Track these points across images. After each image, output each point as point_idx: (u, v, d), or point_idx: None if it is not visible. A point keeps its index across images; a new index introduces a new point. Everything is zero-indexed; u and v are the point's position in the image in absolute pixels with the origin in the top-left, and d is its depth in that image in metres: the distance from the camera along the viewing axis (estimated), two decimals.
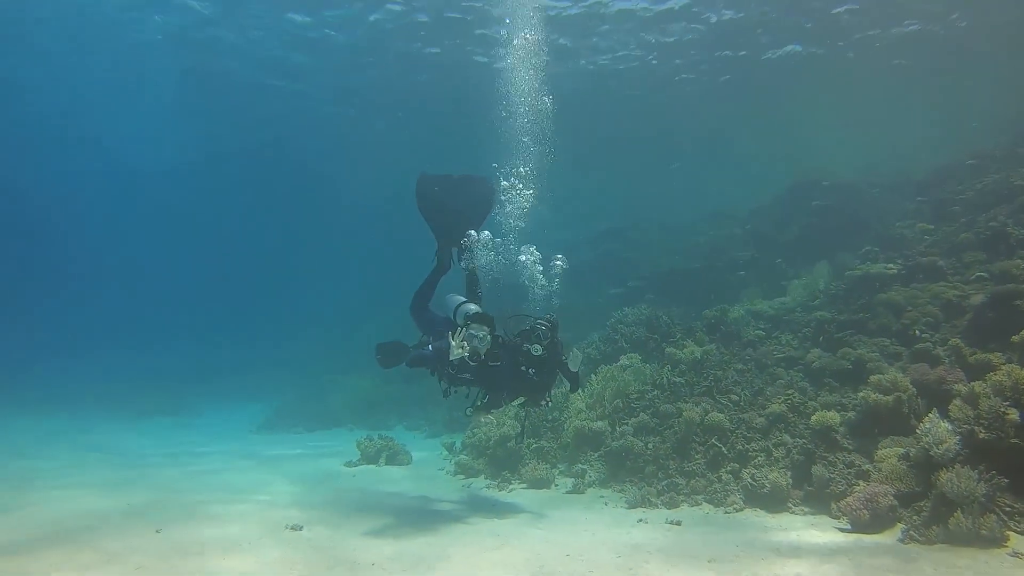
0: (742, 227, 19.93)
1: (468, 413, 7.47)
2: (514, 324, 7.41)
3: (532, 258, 8.03)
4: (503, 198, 8.38)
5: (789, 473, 7.51)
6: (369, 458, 11.55)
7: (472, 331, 6.70)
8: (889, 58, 20.91)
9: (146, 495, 8.67)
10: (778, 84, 22.42)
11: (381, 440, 11.81)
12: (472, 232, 7.93)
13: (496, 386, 7.30)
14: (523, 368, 7.20)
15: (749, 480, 7.57)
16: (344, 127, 26.44)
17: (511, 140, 9.23)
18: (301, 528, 6.80)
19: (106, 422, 18.80)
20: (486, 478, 10.08)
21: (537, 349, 7.13)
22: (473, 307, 7.21)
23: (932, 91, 23.11)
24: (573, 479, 9.19)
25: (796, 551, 5.72)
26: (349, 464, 11.44)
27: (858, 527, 6.12)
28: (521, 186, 8.47)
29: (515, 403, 7.91)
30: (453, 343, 6.50)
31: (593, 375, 10.91)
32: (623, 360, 11.36)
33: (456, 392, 7.50)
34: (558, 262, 8.33)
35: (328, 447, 13.89)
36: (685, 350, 11.06)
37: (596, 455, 9.64)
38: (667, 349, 11.28)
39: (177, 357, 29.69)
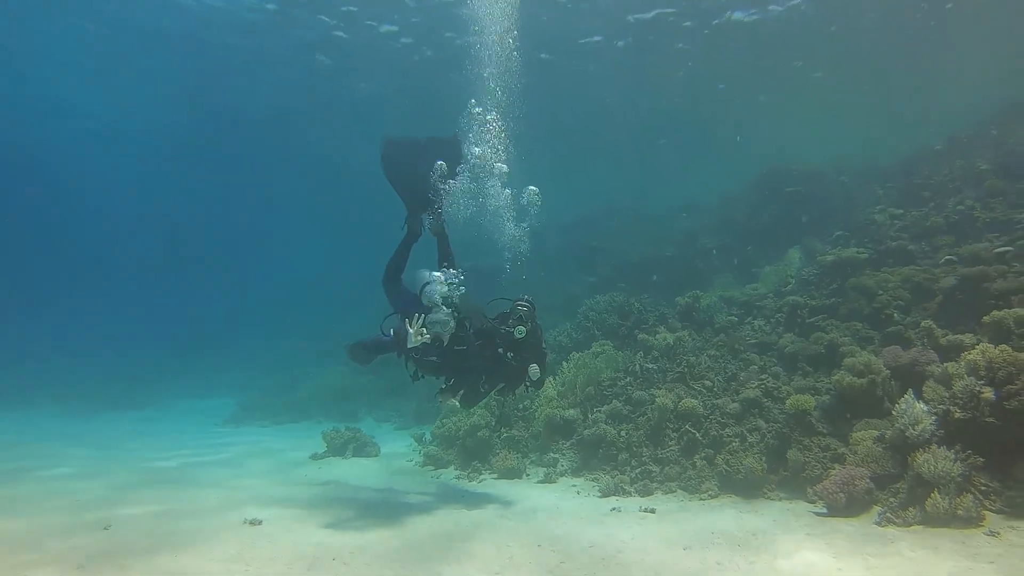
0: (715, 215, 19.88)
1: (437, 398, 7.16)
2: (490, 309, 7.27)
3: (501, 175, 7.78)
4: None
5: (764, 458, 7.37)
6: (336, 450, 11.22)
7: (434, 317, 6.41)
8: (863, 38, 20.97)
9: (96, 491, 8.27)
10: (755, 59, 22.28)
11: (348, 431, 11.48)
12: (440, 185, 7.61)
13: (466, 370, 7.03)
14: (501, 351, 7.02)
15: (724, 466, 7.44)
16: (323, 89, 25.38)
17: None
18: (260, 523, 6.49)
19: (63, 416, 18.22)
20: (456, 469, 9.84)
21: (521, 331, 6.95)
22: (440, 288, 6.88)
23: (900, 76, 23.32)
24: (545, 468, 8.99)
25: (771, 537, 5.58)
26: (315, 456, 11.10)
27: (835, 511, 6.02)
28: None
29: (493, 391, 7.65)
30: (411, 330, 6.22)
31: (564, 362, 10.71)
32: (595, 347, 11.17)
33: (424, 377, 7.21)
34: (532, 189, 8.03)
35: (294, 440, 13.50)
36: (658, 336, 10.92)
37: (568, 444, 9.45)
38: (640, 336, 11.14)
39: (143, 351, 28.82)
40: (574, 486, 8.35)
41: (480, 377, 7.27)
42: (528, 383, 7.46)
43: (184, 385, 23.85)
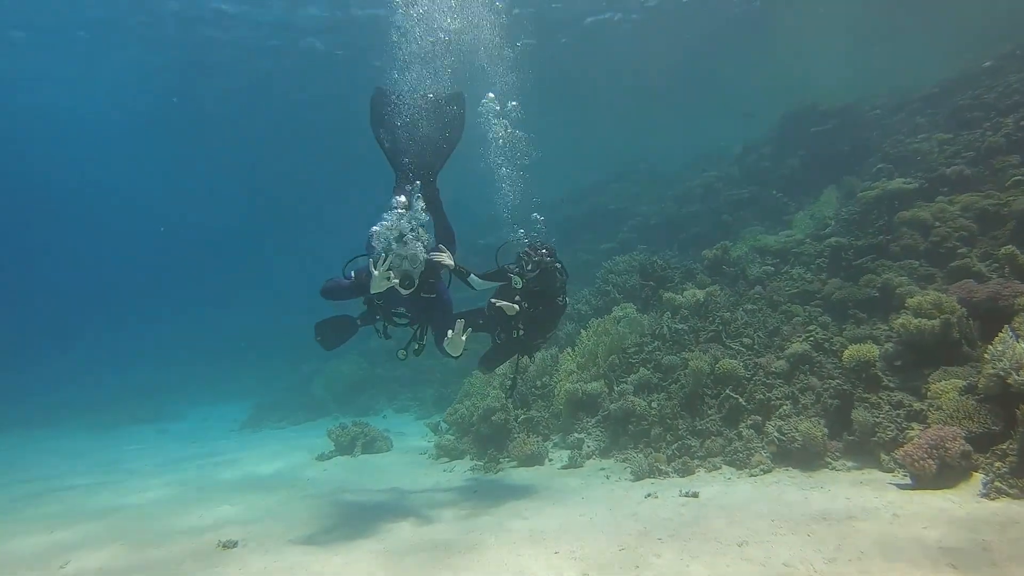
0: (737, 165, 18.52)
1: (400, 356, 6.03)
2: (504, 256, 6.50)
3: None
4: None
5: (823, 421, 6.24)
6: (343, 448, 10.29)
7: (401, 252, 5.34)
8: None
9: (77, 514, 7.41)
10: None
11: (355, 427, 10.54)
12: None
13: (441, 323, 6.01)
14: (518, 300, 6.21)
15: (776, 434, 6.31)
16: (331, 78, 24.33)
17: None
18: (235, 545, 5.53)
19: (82, 431, 17.65)
20: (472, 459, 8.85)
21: (517, 281, 6.13)
22: (395, 224, 5.80)
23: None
24: (569, 451, 7.93)
25: (849, 524, 4.45)
26: (321, 457, 10.18)
27: (923, 481, 4.86)
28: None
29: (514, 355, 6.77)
30: (376, 271, 5.13)
31: (583, 330, 9.61)
32: (616, 311, 10.05)
33: (390, 337, 6.23)
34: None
35: (306, 440, 12.59)
36: (685, 293, 9.76)
37: (593, 421, 8.38)
38: (665, 295, 9.97)
39: (154, 360, 28.31)
40: (602, 470, 7.29)
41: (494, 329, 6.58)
42: (543, 341, 6.72)
43: (204, 392, 23.21)
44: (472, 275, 6.44)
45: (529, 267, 6.09)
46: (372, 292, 5.27)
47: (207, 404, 21.80)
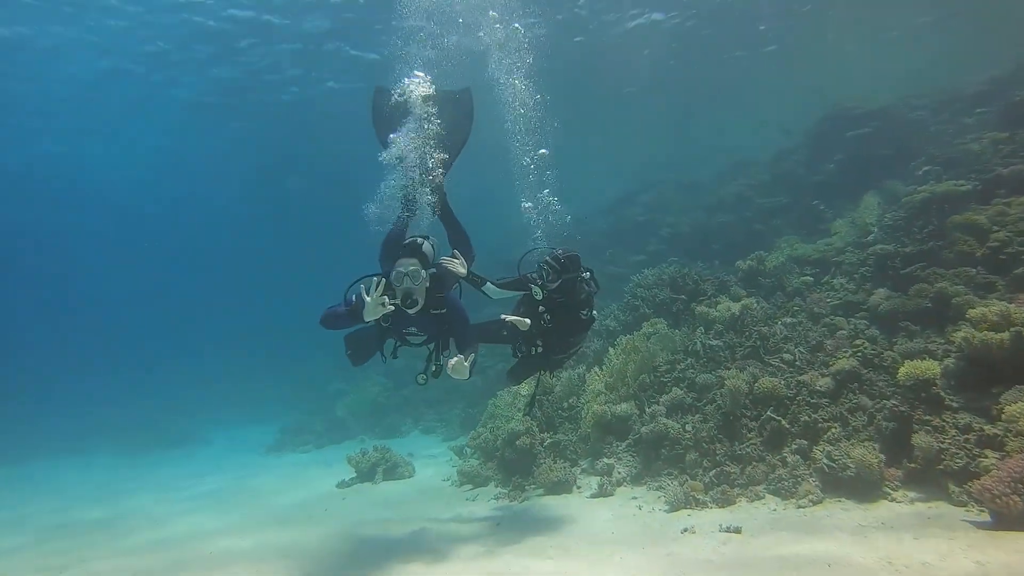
0: (769, 173, 17.84)
1: (420, 381, 5.55)
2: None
3: None
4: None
5: (878, 446, 5.64)
6: (364, 475, 9.89)
7: (400, 269, 4.87)
8: None
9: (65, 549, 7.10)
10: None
11: (376, 452, 10.12)
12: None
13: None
14: (542, 312, 5.80)
15: (825, 460, 5.73)
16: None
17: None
18: None
19: (109, 457, 17.56)
20: (496, 486, 8.36)
21: (537, 292, 5.66)
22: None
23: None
24: (598, 478, 7.41)
25: (925, 567, 3.86)
26: (341, 485, 9.77)
27: (1007, 521, 4.24)
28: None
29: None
30: (368, 298, 4.67)
31: (611, 348, 9.08)
32: (646, 327, 9.51)
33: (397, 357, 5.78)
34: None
35: (329, 465, 12.23)
36: (719, 307, 9.19)
37: (623, 445, 7.84)
38: (698, 309, 9.41)
39: (182, 381, 28.31)
40: (634, 498, 6.75)
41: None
42: (569, 356, 6.20)
43: (232, 414, 23.04)
44: (488, 283, 6.01)
45: (550, 276, 5.62)
46: (367, 320, 4.82)
47: (235, 426, 21.62)
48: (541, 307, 5.84)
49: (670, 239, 17.67)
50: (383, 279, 4.75)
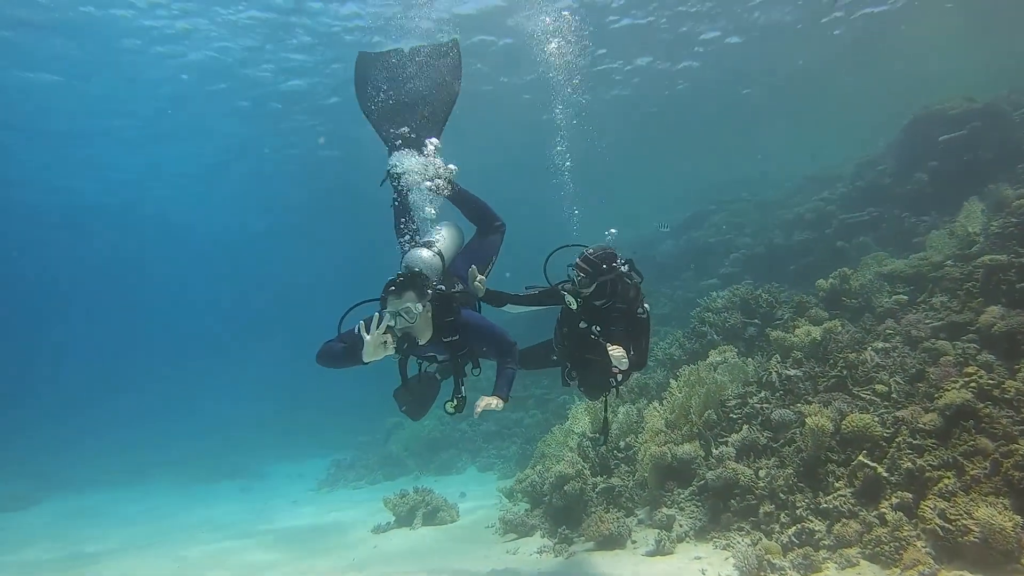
0: (851, 186, 16.36)
1: (448, 410, 4.69)
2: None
3: None
4: None
5: (1009, 503, 4.43)
6: (402, 519, 9.15)
7: (389, 310, 4.10)
8: None
9: None
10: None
11: (417, 495, 9.38)
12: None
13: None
14: (585, 327, 4.97)
15: (937, 520, 4.56)
16: None
17: None
18: None
19: (167, 489, 17.52)
20: (543, 536, 7.43)
21: (571, 301, 4.86)
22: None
23: None
24: (656, 531, 6.37)
25: None
26: (377, 530, 9.06)
27: None
28: None
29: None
30: (368, 337, 3.96)
31: (672, 380, 8.04)
32: (712, 356, 8.44)
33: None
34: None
35: (373, 505, 11.56)
36: (798, 332, 8.02)
37: (686, 493, 6.77)
38: (773, 334, 8.26)
39: (241, 414, 28.52)
40: (697, 559, 5.70)
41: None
42: (616, 378, 5.02)
43: (287, 448, 22.86)
44: (508, 303, 5.20)
45: (583, 281, 4.75)
46: (367, 362, 4.09)
47: (293, 459, 21.39)
48: (582, 321, 4.98)
49: (744, 261, 16.46)
50: (383, 316, 4.03)
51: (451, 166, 5.25)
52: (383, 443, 17.70)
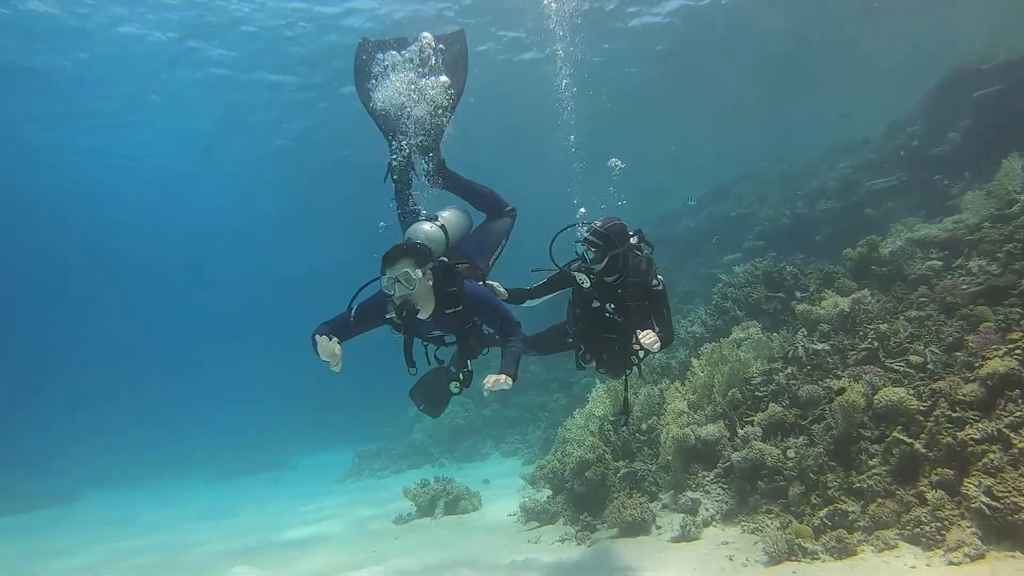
0: (878, 151, 15.72)
1: (454, 390, 4.51)
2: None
3: None
4: None
5: None
6: (423, 509, 8.99)
7: (388, 275, 3.96)
8: None
9: None
10: None
11: (438, 484, 9.21)
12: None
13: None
14: (598, 306, 4.75)
15: (982, 498, 4.23)
16: None
17: None
18: None
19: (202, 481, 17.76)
20: (565, 523, 7.21)
21: (584, 279, 4.60)
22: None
23: None
24: (681, 516, 6.10)
25: None
26: (399, 520, 8.92)
27: None
28: None
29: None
30: (320, 347, 3.98)
31: (694, 359, 7.73)
32: (735, 332, 8.10)
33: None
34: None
35: (398, 494, 11.46)
36: (824, 303, 7.63)
37: (711, 475, 6.49)
38: (798, 307, 7.88)
39: (275, 406, 28.70)
40: (724, 544, 5.44)
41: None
42: (636, 357, 4.83)
43: (313, 439, 22.98)
44: (527, 299, 4.99)
45: (594, 257, 4.48)
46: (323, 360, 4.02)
47: (321, 451, 21.51)
48: (595, 300, 4.71)
49: (768, 233, 15.92)
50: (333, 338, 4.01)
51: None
52: (407, 432, 17.61)
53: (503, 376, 3.96)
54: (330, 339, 3.96)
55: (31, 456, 22.33)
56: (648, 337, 4.31)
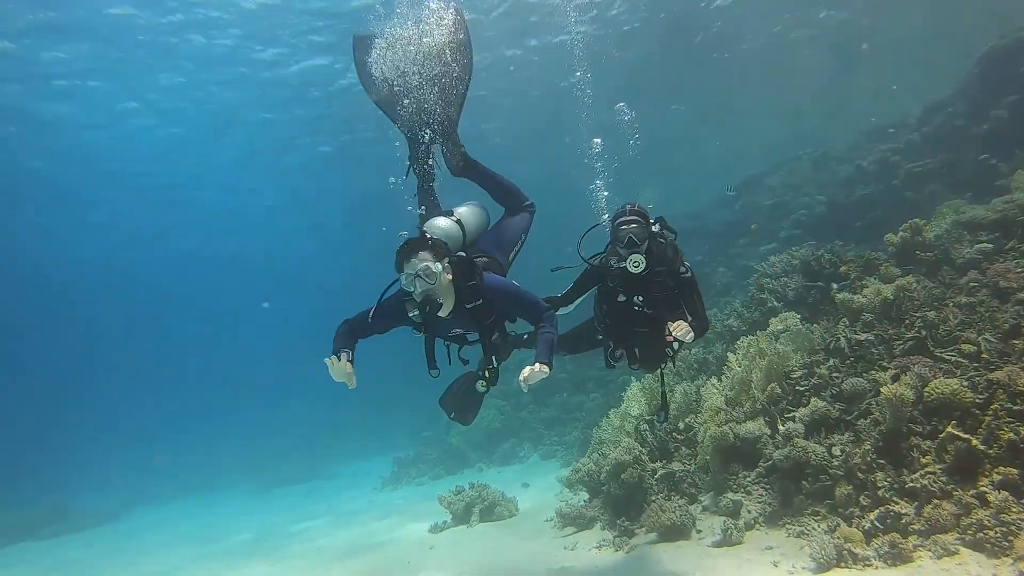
0: (918, 131, 15.12)
1: (480, 388, 4.44)
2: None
3: None
4: None
5: None
6: (458, 517, 8.85)
7: (408, 271, 3.83)
8: None
9: None
10: None
11: (472, 491, 9.06)
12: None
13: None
14: (625, 300, 4.52)
15: None
16: None
17: None
18: None
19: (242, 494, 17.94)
20: (602, 527, 7.00)
21: (638, 261, 4.27)
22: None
23: None
24: (722, 519, 5.86)
25: None
26: (434, 529, 8.80)
27: None
28: None
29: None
30: (332, 368, 3.93)
31: (731, 354, 7.44)
32: (774, 324, 7.78)
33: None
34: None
35: (435, 502, 11.36)
36: (866, 291, 7.28)
37: (752, 475, 6.22)
38: (839, 296, 7.53)
39: (311, 414, 28.93)
40: (768, 549, 5.17)
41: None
42: (670, 352, 4.59)
43: (352, 447, 23.09)
44: (559, 307, 4.81)
45: (637, 230, 4.28)
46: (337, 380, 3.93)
47: (360, 459, 21.56)
48: (622, 294, 4.50)
49: (805, 222, 15.46)
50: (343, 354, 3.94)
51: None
52: (444, 436, 17.52)
53: (538, 366, 3.81)
54: (339, 358, 3.86)
55: (70, 476, 22.89)
56: (680, 328, 4.11)
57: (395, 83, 4.87)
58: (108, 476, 22.40)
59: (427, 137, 4.85)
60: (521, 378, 3.79)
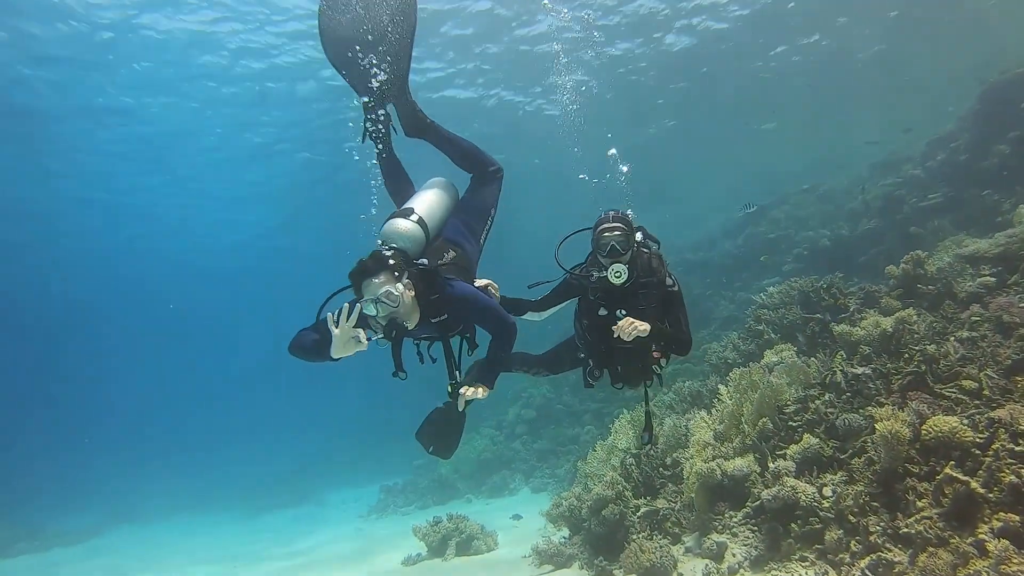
0: (922, 166, 14.92)
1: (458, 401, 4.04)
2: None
3: None
4: None
5: None
6: (434, 550, 8.47)
7: (366, 297, 3.43)
8: None
9: None
10: None
11: (450, 523, 8.71)
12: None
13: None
14: (607, 314, 4.12)
15: None
16: None
17: None
18: None
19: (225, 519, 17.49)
20: (580, 567, 6.62)
21: (620, 271, 3.91)
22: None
23: None
24: (705, 561, 5.49)
25: None
26: (408, 561, 8.41)
27: None
28: None
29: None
30: (336, 330, 3.34)
31: (722, 386, 7.12)
32: (768, 357, 7.47)
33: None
34: None
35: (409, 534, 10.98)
36: (864, 323, 6.97)
37: (739, 516, 5.85)
38: (837, 328, 7.22)
39: (305, 440, 28.54)
40: None
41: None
42: (657, 370, 4.28)
43: (342, 473, 22.66)
44: (528, 311, 4.48)
45: (620, 237, 3.96)
46: (335, 358, 3.48)
47: (351, 485, 21.11)
48: (603, 308, 4.18)
49: (808, 256, 15.27)
50: (356, 304, 3.41)
51: None
52: (435, 466, 17.11)
53: (480, 388, 3.54)
54: (336, 323, 3.41)
55: (52, 493, 22.47)
56: (625, 322, 3.78)
57: (354, 39, 4.57)
58: (90, 495, 21.97)
59: (379, 78, 4.50)
60: (461, 396, 3.54)
